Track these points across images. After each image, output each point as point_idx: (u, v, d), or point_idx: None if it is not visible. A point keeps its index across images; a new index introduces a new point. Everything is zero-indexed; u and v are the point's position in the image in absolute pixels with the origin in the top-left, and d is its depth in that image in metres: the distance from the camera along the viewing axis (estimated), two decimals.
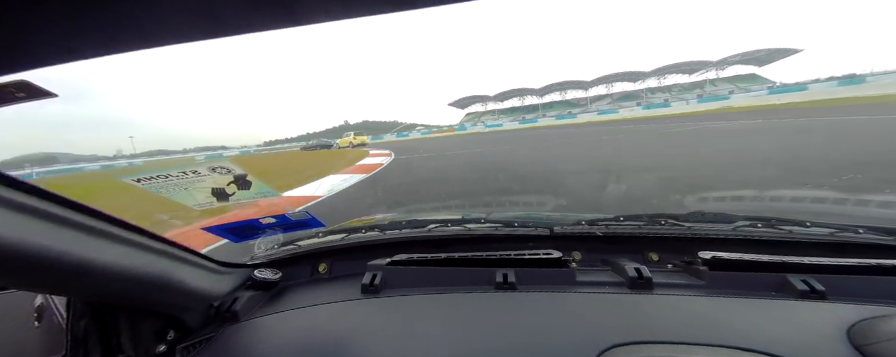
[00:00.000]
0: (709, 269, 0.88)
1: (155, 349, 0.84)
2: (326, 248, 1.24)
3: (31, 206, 0.52)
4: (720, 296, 0.82)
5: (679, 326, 0.71)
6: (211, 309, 0.95)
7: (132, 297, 0.75)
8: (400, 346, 0.75)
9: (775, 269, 0.86)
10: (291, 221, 1.13)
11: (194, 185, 0.84)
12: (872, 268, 0.83)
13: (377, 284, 0.98)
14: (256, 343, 0.84)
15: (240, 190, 0.89)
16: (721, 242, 1.05)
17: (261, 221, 1.11)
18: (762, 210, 3.47)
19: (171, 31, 0.38)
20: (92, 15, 0.33)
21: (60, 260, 0.54)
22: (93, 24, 0.34)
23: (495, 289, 0.92)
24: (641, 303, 0.81)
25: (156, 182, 0.79)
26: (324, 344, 0.79)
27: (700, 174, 5.78)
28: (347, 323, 0.86)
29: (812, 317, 0.72)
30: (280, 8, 0.36)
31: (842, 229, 1.02)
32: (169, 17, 0.36)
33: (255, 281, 1.06)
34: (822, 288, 0.78)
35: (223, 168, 0.84)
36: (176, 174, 0.80)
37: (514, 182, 6.60)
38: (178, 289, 0.81)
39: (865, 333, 0.63)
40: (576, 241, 1.17)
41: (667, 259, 1.09)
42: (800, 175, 4.75)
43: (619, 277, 0.93)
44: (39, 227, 0.52)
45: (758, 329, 0.69)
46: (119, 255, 0.65)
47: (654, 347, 0.66)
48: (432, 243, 1.23)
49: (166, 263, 0.77)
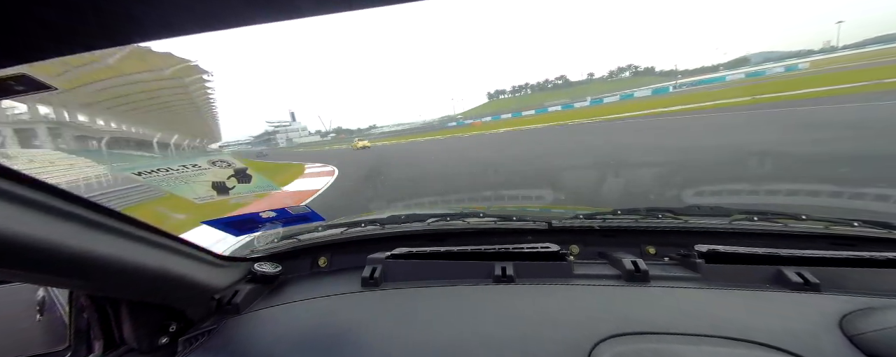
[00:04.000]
0: (705, 262, 0.89)
1: (157, 341, 0.85)
2: (326, 242, 1.24)
3: (34, 199, 0.52)
4: (716, 288, 0.83)
5: (675, 318, 0.72)
6: (212, 302, 0.96)
7: (134, 289, 0.76)
8: (400, 337, 0.76)
9: (770, 262, 0.87)
10: (291, 215, 1.13)
11: (195, 179, 0.84)
12: (866, 260, 0.84)
13: (377, 277, 0.99)
14: (257, 335, 0.84)
15: (240, 183, 0.90)
16: (717, 235, 1.06)
17: (260, 215, 1.11)
18: (758, 203, 3.49)
19: (168, 25, 0.38)
20: (93, 8, 0.33)
21: (63, 253, 0.54)
22: (93, 16, 0.34)
23: (494, 281, 0.93)
24: (638, 295, 0.82)
25: (156, 175, 0.79)
26: (324, 336, 0.80)
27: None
28: (348, 315, 0.87)
29: (806, 308, 0.73)
30: (279, 2, 0.36)
31: (836, 223, 1.03)
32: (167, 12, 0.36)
33: (255, 274, 1.07)
34: (816, 280, 0.79)
35: (223, 161, 0.84)
36: (176, 168, 0.80)
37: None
38: (180, 282, 0.82)
39: (857, 324, 0.65)
40: (573, 235, 1.18)
41: (664, 252, 1.10)
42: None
43: (617, 270, 0.94)
44: (42, 221, 0.52)
45: (752, 320, 0.70)
46: (121, 249, 0.65)
47: (649, 338, 0.67)
48: (431, 237, 1.23)
49: (168, 257, 0.78)
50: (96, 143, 37.92)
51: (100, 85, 32.98)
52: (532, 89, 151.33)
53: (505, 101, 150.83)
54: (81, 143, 35.91)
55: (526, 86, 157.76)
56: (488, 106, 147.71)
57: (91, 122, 40.55)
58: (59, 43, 0.38)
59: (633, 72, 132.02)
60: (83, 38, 0.38)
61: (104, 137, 38.22)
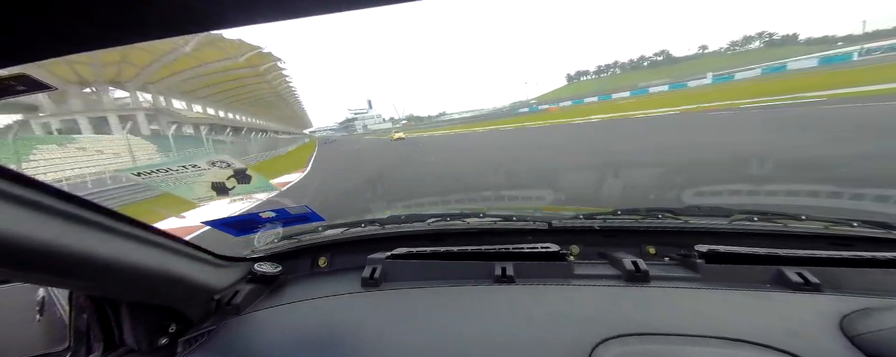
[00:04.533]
0: (705, 262, 0.89)
1: (157, 342, 0.85)
2: (326, 242, 1.24)
3: (33, 200, 0.52)
4: (716, 288, 0.83)
5: (675, 318, 0.72)
6: (212, 302, 0.96)
7: (134, 290, 0.76)
8: (400, 338, 0.76)
9: (770, 262, 0.87)
10: (291, 215, 1.14)
11: (194, 180, 0.84)
12: (867, 260, 0.84)
13: (377, 278, 0.99)
14: (257, 336, 0.84)
15: (239, 184, 0.90)
16: (717, 236, 1.06)
17: (260, 215, 1.11)
18: (758, 203, 3.49)
19: (168, 24, 0.38)
20: (93, 7, 0.33)
21: (63, 254, 0.54)
22: (93, 16, 0.34)
23: (494, 282, 0.93)
24: (638, 295, 0.82)
25: (156, 176, 0.79)
26: (325, 336, 0.80)
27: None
28: (348, 315, 0.87)
29: (806, 308, 0.73)
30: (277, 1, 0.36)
31: (837, 223, 1.03)
32: (167, 12, 0.36)
33: (255, 274, 1.07)
34: (816, 280, 0.79)
35: (223, 162, 0.85)
36: (176, 168, 0.80)
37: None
38: (180, 282, 0.82)
39: (857, 324, 0.65)
40: (574, 235, 1.18)
41: (664, 252, 1.10)
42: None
43: (617, 270, 0.94)
44: (42, 221, 0.52)
45: (752, 321, 0.70)
46: (121, 249, 0.65)
47: (649, 339, 0.67)
48: (432, 237, 1.23)
49: (167, 257, 0.78)
50: (193, 130, 41.05)
51: (186, 74, 35.07)
52: (621, 69, 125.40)
53: (587, 83, 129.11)
54: (181, 130, 39.20)
55: (615, 64, 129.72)
56: (567, 89, 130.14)
57: (187, 109, 44.09)
58: (59, 43, 0.38)
59: (765, 41, 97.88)
60: (83, 38, 0.38)
61: (201, 124, 41.39)
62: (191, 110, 44.59)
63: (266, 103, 60.44)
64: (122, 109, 33.76)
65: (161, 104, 37.36)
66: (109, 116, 32.28)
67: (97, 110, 31.94)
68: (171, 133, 25.48)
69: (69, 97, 30.87)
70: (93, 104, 32.07)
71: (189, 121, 41.81)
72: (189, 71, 34.25)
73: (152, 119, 36.47)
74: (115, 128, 31.52)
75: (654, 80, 71.84)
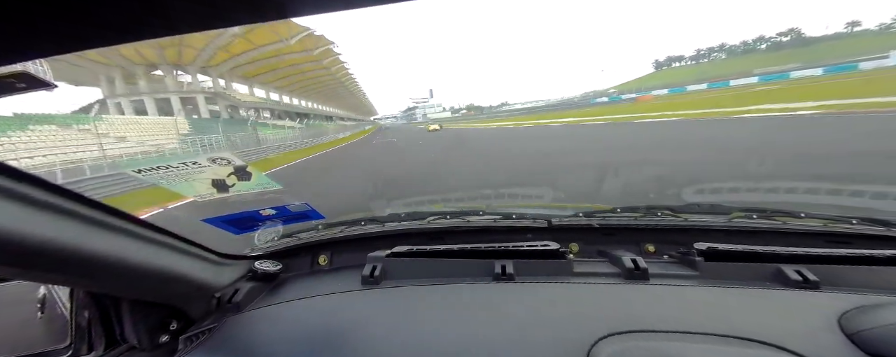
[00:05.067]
0: (704, 260, 0.90)
1: (158, 339, 0.86)
2: (326, 240, 1.25)
3: (34, 197, 0.52)
4: (715, 286, 0.83)
5: (674, 316, 0.73)
6: (213, 300, 0.96)
7: (135, 287, 0.76)
8: (400, 335, 0.76)
9: (769, 260, 0.87)
10: (291, 213, 1.14)
11: (195, 177, 0.84)
12: (866, 258, 0.84)
13: (377, 275, 0.99)
14: (258, 333, 0.85)
15: (240, 181, 0.90)
16: (717, 233, 1.06)
17: (260, 213, 1.11)
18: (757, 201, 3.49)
19: (168, 23, 0.38)
20: (92, 7, 0.33)
21: (64, 251, 0.55)
22: (93, 16, 0.34)
23: (494, 280, 0.93)
24: (637, 293, 0.83)
25: (157, 172, 0.79)
26: (325, 334, 0.80)
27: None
28: (348, 313, 0.87)
29: (805, 306, 0.73)
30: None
31: (836, 220, 1.03)
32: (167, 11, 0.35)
33: (255, 272, 1.07)
34: (815, 278, 0.80)
35: (223, 159, 0.85)
36: (177, 165, 0.80)
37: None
38: (181, 280, 0.82)
39: (856, 322, 0.65)
40: (573, 233, 1.18)
41: (663, 250, 1.10)
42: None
43: (616, 268, 0.94)
44: (43, 219, 0.52)
45: (751, 318, 0.70)
46: (122, 247, 0.65)
47: (649, 336, 0.67)
48: (432, 235, 1.24)
49: (168, 255, 0.78)
50: (256, 114, 42.29)
51: (241, 58, 36.46)
52: (727, 53, 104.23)
53: (680, 70, 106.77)
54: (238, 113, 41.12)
55: (721, 47, 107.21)
56: (654, 77, 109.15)
57: (248, 93, 45.90)
58: (60, 43, 0.38)
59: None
60: (83, 38, 0.38)
61: (260, 108, 43.77)
62: (251, 95, 45.66)
63: (329, 90, 61.67)
64: (184, 92, 35.32)
65: (220, 87, 38.54)
66: (172, 98, 33.83)
67: (161, 92, 33.56)
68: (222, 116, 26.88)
69: (137, 79, 32.42)
70: (159, 86, 33.85)
71: (246, 105, 42.72)
72: (243, 55, 35.01)
73: (211, 101, 37.72)
74: (176, 110, 32.65)
75: (778, 66, 54.96)
